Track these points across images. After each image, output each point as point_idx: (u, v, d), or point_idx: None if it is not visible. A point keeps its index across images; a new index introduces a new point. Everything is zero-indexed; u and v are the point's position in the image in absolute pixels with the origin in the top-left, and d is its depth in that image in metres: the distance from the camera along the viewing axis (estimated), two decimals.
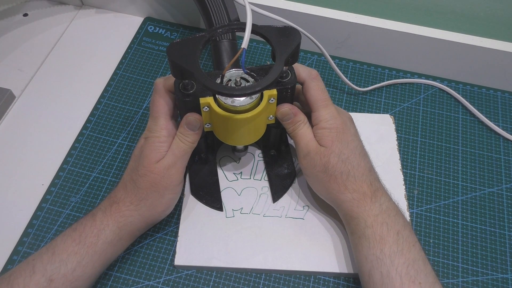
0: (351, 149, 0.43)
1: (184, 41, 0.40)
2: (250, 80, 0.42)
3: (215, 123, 0.44)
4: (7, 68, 0.61)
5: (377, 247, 0.40)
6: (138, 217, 0.43)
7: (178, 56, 0.39)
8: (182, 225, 0.48)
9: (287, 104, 0.44)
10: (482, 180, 0.53)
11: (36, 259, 0.40)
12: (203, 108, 0.42)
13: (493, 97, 0.60)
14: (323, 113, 0.44)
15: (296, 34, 0.41)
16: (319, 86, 0.44)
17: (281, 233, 0.47)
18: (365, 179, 0.43)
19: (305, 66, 0.45)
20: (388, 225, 0.41)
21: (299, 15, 0.59)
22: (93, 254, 0.40)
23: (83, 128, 0.56)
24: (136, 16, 0.67)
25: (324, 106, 0.44)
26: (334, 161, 0.42)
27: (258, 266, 0.46)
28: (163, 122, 0.43)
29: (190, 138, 0.43)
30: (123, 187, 0.43)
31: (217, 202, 0.49)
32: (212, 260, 0.46)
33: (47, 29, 0.66)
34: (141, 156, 0.43)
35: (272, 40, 0.40)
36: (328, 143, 0.43)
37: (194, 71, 0.38)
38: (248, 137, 0.45)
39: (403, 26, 0.58)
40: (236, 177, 0.51)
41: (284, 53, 0.39)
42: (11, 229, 0.48)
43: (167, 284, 0.45)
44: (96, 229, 0.41)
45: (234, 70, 0.43)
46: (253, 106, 0.42)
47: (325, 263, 0.46)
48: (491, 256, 0.48)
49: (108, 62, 0.62)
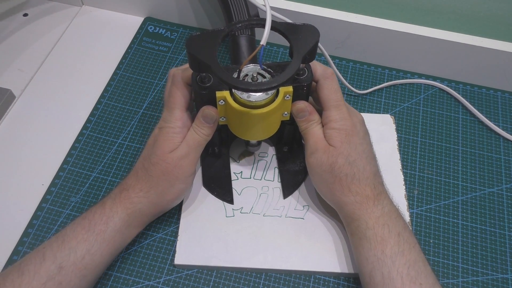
0: (359, 152, 0.43)
1: (203, 35, 0.40)
2: (266, 76, 0.42)
3: (230, 117, 0.44)
4: (7, 68, 0.61)
5: (378, 248, 0.40)
6: (147, 204, 0.43)
7: (196, 49, 0.39)
8: (182, 225, 0.48)
9: (303, 101, 0.44)
10: (482, 180, 0.53)
11: (46, 247, 0.40)
12: (219, 102, 0.42)
13: (493, 97, 0.60)
14: (334, 113, 0.43)
15: (314, 32, 0.41)
16: (333, 86, 0.44)
17: (281, 232, 0.47)
18: (369, 183, 0.43)
19: (322, 64, 0.45)
20: (390, 226, 0.41)
21: (299, 15, 0.59)
22: (102, 242, 0.41)
23: (83, 128, 0.56)
24: (136, 16, 0.67)
25: (335, 106, 0.44)
26: (341, 162, 0.42)
27: (258, 265, 0.46)
28: (179, 113, 0.43)
29: (205, 131, 0.43)
30: (135, 174, 0.44)
31: (228, 195, 0.49)
32: (212, 260, 0.46)
33: (47, 29, 0.66)
34: (154, 145, 0.43)
35: (290, 37, 0.40)
36: (337, 143, 0.43)
37: (211, 65, 0.38)
38: (262, 133, 0.46)
39: (403, 26, 0.58)
40: (236, 176, 0.51)
41: (301, 50, 0.39)
42: (11, 229, 0.48)
43: (167, 284, 0.45)
44: (105, 216, 0.42)
45: (252, 65, 0.43)
46: (269, 102, 0.42)
47: (325, 262, 0.46)
48: (491, 256, 0.48)
49: (108, 62, 0.62)
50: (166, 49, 0.64)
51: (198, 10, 0.64)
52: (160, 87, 0.60)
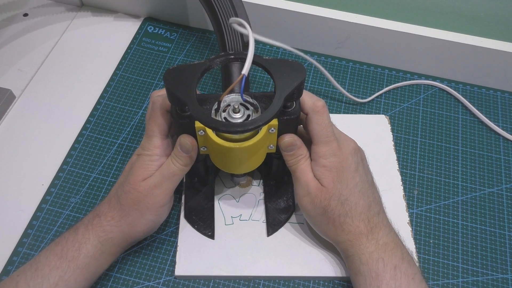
0: (350, 188, 0.41)
1: (182, 68, 0.38)
2: (249, 108, 0.40)
3: (211, 148, 0.42)
4: (7, 68, 0.61)
5: (373, 284, 0.39)
6: (118, 233, 0.42)
7: (174, 84, 0.37)
8: (181, 235, 0.47)
9: (291, 134, 0.42)
10: (482, 180, 0.53)
11: (20, 274, 0.39)
12: (199, 132, 0.40)
13: (493, 97, 0.60)
14: (323, 149, 0.41)
15: (300, 71, 0.38)
16: (323, 120, 0.41)
17: (281, 238, 0.47)
18: (362, 218, 0.41)
19: (312, 96, 0.42)
20: (384, 260, 0.40)
21: (299, 15, 0.59)
22: (75, 268, 0.40)
23: (83, 128, 0.56)
24: (136, 16, 0.67)
25: (325, 142, 0.41)
26: (334, 204, 0.41)
27: (260, 273, 0.45)
28: (157, 141, 0.42)
29: (182, 161, 0.41)
30: (108, 201, 0.43)
31: (209, 229, 0.47)
32: (213, 269, 0.45)
33: (47, 29, 0.66)
34: (129, 173, 0.42)
35: (274, 74, 0.38)
36: (329, 184, 0.41)
37: (188, 102, 0.36)
38: (246, 166, 0.43)
39: (403, 26, 0.58)
40: (233, 183, 0.51)
41: (285, 90, 0.37)
42: (11, 230, 0.48)
43: (167, 285, 0.45)
44: (77, 242, 0.40)
45: (234, 94, 0.40)
46: (252, 135, 0.39)
47: (326, 267, 0.45)
48: (491, 256, 0.48)
49: (108, 62, 0.62)
50: (165, 49, 0.64)
51: (198, 10, 0.63)
52: (160, 88, 0.60)
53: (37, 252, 0.46)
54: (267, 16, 0.61)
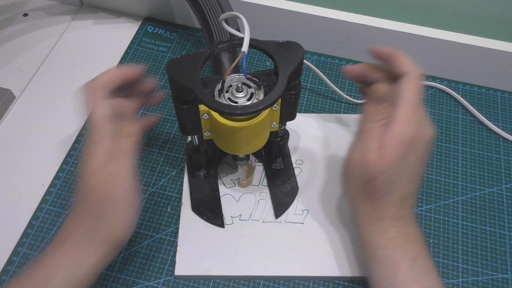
0: (405, 172, 0.39)
1: (184, 58, 0.38)
2: (252, 86, 0.40)
3: (215, 131, 0.42)
4: (7, 68, 0.61)
5: (390, 271, 0.38)
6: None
7: (177, 74, 0.37)
8: (181, 235, 0.47)
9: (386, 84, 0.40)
10: (482, 180, 0.53)
11: None
12: (203, 116, 0.40)
13: (493, 97, 0.60)
14: (405, 114, 0.38)
15: (299, 49, 0.39)
16: (418, 86, 0.39)
17: (281, 238, 0.47)
18: (397, 204, 0.40)
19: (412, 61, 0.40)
20: (404, 249, 0.38)
21: (299, 15, 0.59)
22: None
23: (82, 128, 0.56)
24: (136, 16, 0.67)
25: (410, 108, 0.38)
26: (382, 179, 0.38)
27: (260, 273, 0.45)
28: None
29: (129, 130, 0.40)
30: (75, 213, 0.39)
31: (218, 218, 0.48)
32: (213, 269, 0.45)
33: (47, 29, 0.66)
34: None
35: (274, 55, 0.38)
36: (390, 157, 0.38)
37: (195, 89, 0.37)
38: (250, 146, 0.43)
39: (403, 26, 0.58)
40: (233, 183, 0.51)
41: (287, 69, 0.38)
42: (10, 230, 0.48)
43: (167, 285, 0.45)
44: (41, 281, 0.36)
45: (236, 75, 0.41)
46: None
47: (326, 267, 0.45)
48: (491, 256, 0.48)
49: (108, 62, 0.62)
50: (165, 49, 0.64)
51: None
52: (160, 88, 0.60)
53: (37, 252, 0.46)
54: (267, 16, 0.61)
